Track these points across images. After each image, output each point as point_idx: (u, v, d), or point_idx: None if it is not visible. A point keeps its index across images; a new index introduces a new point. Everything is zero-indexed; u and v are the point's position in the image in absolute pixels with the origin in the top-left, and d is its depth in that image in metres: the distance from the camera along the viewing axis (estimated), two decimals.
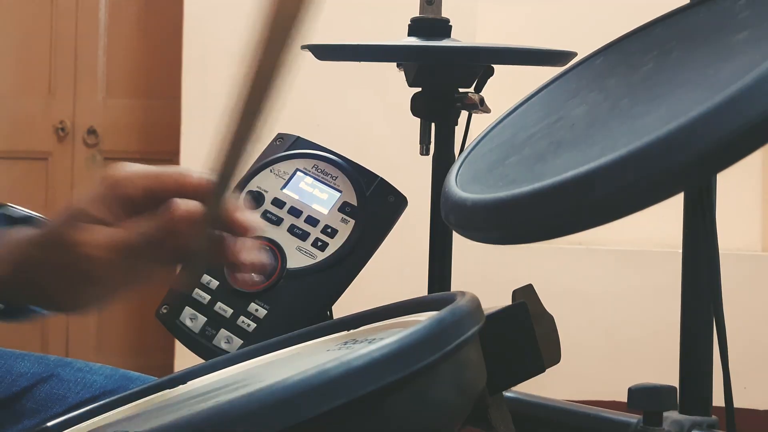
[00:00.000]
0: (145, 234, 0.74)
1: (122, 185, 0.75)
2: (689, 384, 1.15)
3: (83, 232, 0.74)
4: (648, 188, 0.61)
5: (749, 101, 0.59)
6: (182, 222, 0.73)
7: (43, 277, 0.77)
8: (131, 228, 0.74)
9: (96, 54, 3.34)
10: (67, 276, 0.75)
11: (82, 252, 0.73)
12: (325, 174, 1.21)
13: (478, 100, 1.32)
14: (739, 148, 0.60)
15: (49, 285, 0.77)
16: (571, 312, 2.71)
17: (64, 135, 3.33)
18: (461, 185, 0.77)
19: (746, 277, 2.76)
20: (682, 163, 0.60)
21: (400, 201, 1.20)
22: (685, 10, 0.90)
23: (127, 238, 0.74)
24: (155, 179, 0.75)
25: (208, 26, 3.01)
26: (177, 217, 0.73)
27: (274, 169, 1.21)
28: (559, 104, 0.88)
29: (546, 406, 1.20)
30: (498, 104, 1.22)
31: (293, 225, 1.18)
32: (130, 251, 0.74)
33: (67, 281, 0.76)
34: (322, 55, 1.31)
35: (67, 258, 0.74)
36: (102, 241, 0.74)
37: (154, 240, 0.73)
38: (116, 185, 0.75)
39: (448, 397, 0.62)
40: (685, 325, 1.16)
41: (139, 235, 0.74)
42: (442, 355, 0.59)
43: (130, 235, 0.74)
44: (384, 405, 0.57)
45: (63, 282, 0.76)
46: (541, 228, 0.67)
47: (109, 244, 0.73)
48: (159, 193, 0.75)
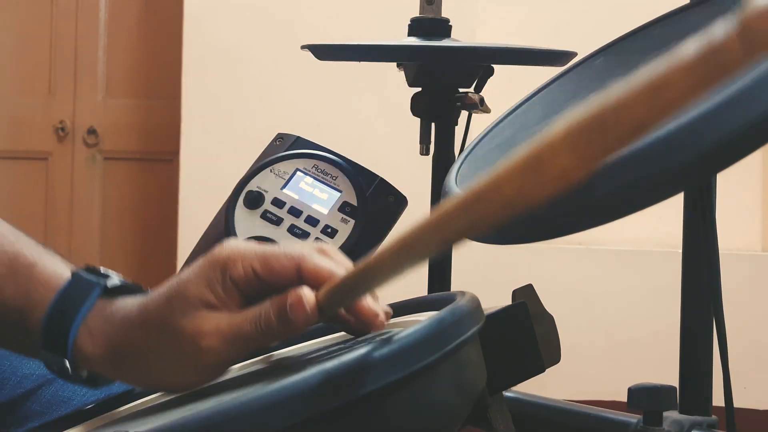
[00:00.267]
0: (258, 323, 0.68)
1: (231, 267, 0.68)
2: (689, 384, 1.15)
3: (193, 319, 0.68)
4: (648, 188, 0.61)
5: (749, 101, 0.59)
6: (301, 320, 0.67)
7: (138, 358, 0.72)
8: (246, 318, 0.68)
9: (96, 54, 3.34)
10: (167, 360, 0.70)
11: (192, 341, 0.68)
12: (325, 174, 1.21)
13: (478, 100, 1.32)
14: (739, 148, 0.60)
15: (142, 365, 0.72)
16: (571, 312, 2.71)
17: (64, 135, 3.33)
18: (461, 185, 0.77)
19: (746, 277, 2.76)
20: (682, 163, 0.60)
21: (400, 201, 1.20)
22: (685, 10, 0.90)
23: (240, 328, 0.68)
24: (266, 264, 0.69)
25: (208, 26, 3.01)
26: (293, 310, 0.67)
27: (274, 169, 1.21)
28: (559, 104, 0.88)
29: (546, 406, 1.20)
30: (498, 104, 1.22)
31: (293, 225, 1.18)
32: (245, 341, 0.68)
33: (166, 365, 0.71)
34: (322, 55, 1.31)
35: (172, 344, 0.69)
36: (213, 330, 0.68)
37: (271, 332, 0.68)
38: (225, 266, 0.69)
39: (448, 397, 0.62)
40: (685, 325, 1.17)
41: (253, 324, 0.68)
42: (441, 355, 0.59)
43: (243, 324, 0.68)
44: (384, 405, 0.57)
45: (161, 365, 0.71)
46: (541, 228, 0.67)
47: (221, 333, 0.68)
48: (269, 277, 0.69)
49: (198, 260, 0.70)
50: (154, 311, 0.71)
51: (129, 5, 3.33)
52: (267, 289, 0.69)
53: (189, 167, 3.01)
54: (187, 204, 3.00)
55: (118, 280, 0.76)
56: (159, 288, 0.72)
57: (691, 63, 0.36)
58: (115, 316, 0.73)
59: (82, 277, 0.76)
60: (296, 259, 0.68)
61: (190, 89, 3.01)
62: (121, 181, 3.33)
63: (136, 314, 0.72)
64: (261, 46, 2.97)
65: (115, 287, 0.75)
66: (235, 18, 3.00)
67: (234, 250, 0.69)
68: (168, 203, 3.14)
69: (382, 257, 0.58)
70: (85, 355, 0.74)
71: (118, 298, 0.75)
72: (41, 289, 0.76)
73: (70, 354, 0.74)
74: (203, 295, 0.69)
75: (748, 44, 0.35)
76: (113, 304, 0.74)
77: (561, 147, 0.40)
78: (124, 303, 0.74)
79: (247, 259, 0.69)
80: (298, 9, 2.98)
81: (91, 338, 0.74)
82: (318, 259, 0.68)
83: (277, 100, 2.95)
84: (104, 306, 0.74)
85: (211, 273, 0.69)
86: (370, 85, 2.86)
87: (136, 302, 0.73)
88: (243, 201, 1.19)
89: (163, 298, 0.71)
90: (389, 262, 0.57)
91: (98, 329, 0.74)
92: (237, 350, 0.69)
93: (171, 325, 0.69)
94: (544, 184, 0.40)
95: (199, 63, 3.01)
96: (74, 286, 0.76)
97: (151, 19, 3.32)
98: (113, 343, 0.73)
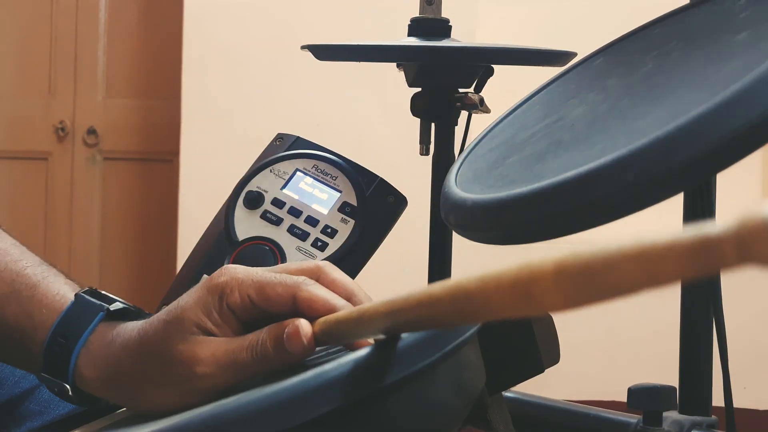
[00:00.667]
0: (255, 351, 0.68)
1: (228, 293, 0.69)
2: (689, 384, 1.15)
3: (189, 344, 0.69)
4: (648, 188, 0.61)
5: (749, 101, 0.59)
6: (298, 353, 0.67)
7: (136, 382, 0.72)
8: (242, 346, 0.68)
9: (96, 54, 3.34)
10: (163, 385, 0.70)
11: (187, 367, 0.69)
12: (325, 174, 1.20)
13: (478, 100, 1.32)
14: (739, 148, 0.60)
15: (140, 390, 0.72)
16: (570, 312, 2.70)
17: (64, 135, 3.33)
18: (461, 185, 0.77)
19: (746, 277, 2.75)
20: (682, 163, 0.60)
21: (400, 201, 1.20)
22: (685, 10, 0.90)
23: (236, 355, 0.68)
24: (262, 292, 0.69)
25: (208, 26, 3.01)
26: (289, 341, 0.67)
27: (273, 169, 1.21)
28: (559, 104, 0.88)
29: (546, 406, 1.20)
30: (498, 104, 1.22)
31: (293, 225, 1.18)
32: (241, 369, 0.68)
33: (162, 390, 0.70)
34: (322, 55, 1.31)
35: (172, 370, 0.69)
36: (209, 356, 0.68)
37: (267, 360, 0.68)
38: (222, 293, 0.69)
39: (447, 398, 0.62)
40: (685, 325, 1.16)
41: (249, 352, 0.68)
42: (440, 356, 0.59)
43: (239, 351, 0.68)
44: (383, 406, 0.57)
45: (157, 390, 0.71)
46: (541, 228, 0.67)
47: (217, 360, 0.68)
48: (265, 305, 0.69)
49: (196, 286, 0.71)
50: (152, 336, 0.71)
51: (129, 5, 3.33)
52: (264, 316, 0.69)
53: (189, 167, 3.01)
54: (187, 204, 3.00)
55: (120, 304, 0.77)
56: (159, 313, 0.72)
57: (684, 249, 0.37)
58: (116, 341, 0.74)
59: (86, 300, 0.77)
60: (292, 288, 0.68)
61: (190, 89, 3.01)
62: (121, 181, 3.33)
63: (135, 339, 0.72)
64: (261, 46, 2.97)
65: (117, 311, 0.76)
66: (235, 18, 3.00)
67: (231, 277, 0.70)
68: (168, 203, 3.14)
69: (376, 311, 0.59)
70: (84, 378, 0.74)
71: (120, 323, 0.75)
72: (44, 311, 0.77)
73: (71, 377, 0.75)
74: (200, 321, 0.69)
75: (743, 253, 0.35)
76: (115, 329, 0.75)
77: (551, 286, 0.43)
78: (125, 328, 0.74)
79: (243, 287, 0.69)
80: (298, 9, 2.98)
81: (91, 362, 0.74)
82: (313, 288, 0.69)
83: (277, 100, 2.95)
84: (106, 330, 0.75)
85: (208, 299, 0.69)
86: (370, 85, 2.86)
87: (136, 327, 0.73)
88: (243, 201, 1.19)
89: (161, 324, 0.71)
90: (381, 321, 0.58)
91: (98, 353, 0.74)
92: (232, 377, 0.69)
93: (167, 350, 0.70)
94: (529, 309, 0.45)
95: (199, 63, 3.01)
96: (77, 308, 0.76)
97: (151, 19, 3.32)
98: (112, 368, 0.73)
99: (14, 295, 0.78)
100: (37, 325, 0.76)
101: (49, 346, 0.75)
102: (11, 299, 0.78)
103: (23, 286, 0.78)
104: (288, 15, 2.97)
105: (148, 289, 3.20)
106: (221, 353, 0.69)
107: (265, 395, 0.54)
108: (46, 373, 0.76)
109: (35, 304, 0.77)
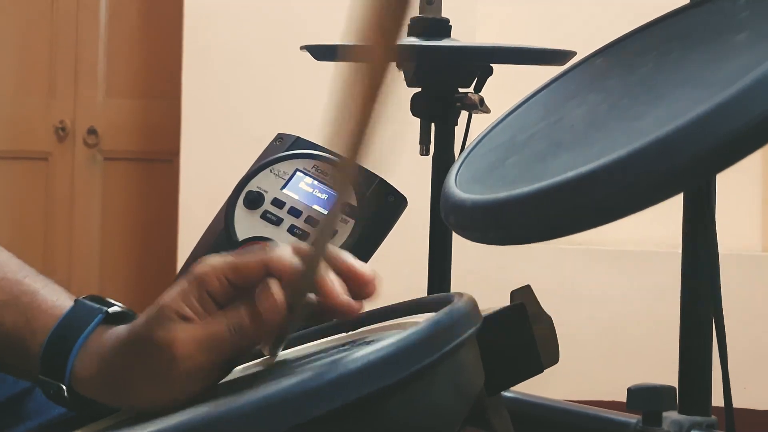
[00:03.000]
0: (234, 326, 0.70)
1: (206, 281, 0.71)
2: (688, 384, 1.15)
3: (168, 330, 0.71)
4: (648, 188, 0.61)
5: (749, 101, 0.59)
6: (271, 311, 0.69)
7: (126, 377, 0.73)
8: (220, 322, 0.71)
9: (96, 54, 3.34)
10: (152, 375, 0.72)
11: (172, 352, 0.70)
12: (325, 174, 1.21)
13: (478, 100, 1.32)
14: (739, 148, 0.60)
15: (130, 384, 0.73)
16: (570, 312, 2.70)
17: (64, 135, 3.33)
18: (461, 186, 0.77)
19: (746, 278, 2.76)
20: (682, 163, 0.60)
21: (400, 201, 1.20)
22: (685, 10, 0.90)
23: (216, 333, 0.70)
24: (236, 270, 0.71)
25: (208, 26, 3.01)
26: (260, 300, 0.70)
27: (273, 169, 1.21)
28: (559, 104, 0.88)
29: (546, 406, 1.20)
30: (498, 104, 1.22)
31: (293, 225, 1.18)
32: (221, 346, 0.70)
33: (151, 381, 0.72)
34: (320, 55, 1.32)
35: (155, 358, 0.71)
36: (188, 338, 0.70)
37: (244, 332, 0.70)
38: (201, 281, 0.71)
39: (446, 399, 0.62)
40: (684, 325, 1.16)
41: (226, 326, 0.70)
42: (439, 357, 0.59)
43: (219, 329, 0.70)
44: (381, 407, 0.57)
45: (146, 382, 0.72)
46: (541, 228, 0.67)
47: (197, 340, 0.70)
48: (242, 282, 0.71)
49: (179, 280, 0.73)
50: (138, 330, 0.73)
51: (129, 5, 3.33)
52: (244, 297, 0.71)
53: (189, 167, 3.01)
54: (187, 204, 3.00)
55: (119, 308, 0.78)
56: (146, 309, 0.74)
57: None
58: (109, 340, 0.75)
59: (85, 304, 0.78)
60: (264, 260, 0.71)
61: (190, 89, 3.01)
62: (121, 181, 3.33)
63: (123, 336, 0.74)
64: (261, 46, 2.97)
65: (116, 314, 0.77)
66: (235, 18, 3.00)
67: (207, 265, 0.72)
68: (168, 203, 3.14)
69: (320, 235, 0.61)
70: (80, 379, 0.75)
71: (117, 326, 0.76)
72: (43, 317, 0.78)
73: (68, 379, 0.76)
74: (179, 309, 0.71)
75: None
76: (111, 330, 0.76)
77: None
78: (119, 328, 0.76)
79: (218, 271, 0.71)
80: (298, 9, 2.97)
81: (88, 362, 0.75)
82: (281, 252, 0.71)
83: (277, 100, 2.95)
84: (103, 332, 0.76)
85: (187, 288, 0.72)
86: None
87: (127, 326, 0.75)
88: (243, 201, 1.19)
89: (145, 317, 0.73)
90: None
91: (95, 353, 0.75)
92: (214, 355, 0.70)
93: (149, 338, 0.71)
94: None
95: (199, 63, 3.01)
96: (77, 311, 0.78)
97: (151, 19, 3.32)
98: (105, 366, 0.75)
99: (13, 302, 0.79)
100: (36, 329, 0.77)
101: (48, 347, 0.76)
102: (10, 306, 0.79)
103: (22, 294, 0.79)
104: (288, 15, 2.96)
105: (148, 289, 3.20)
106: (200, 333, 0.70)
107: (264, 396, 0.54)
108: (44, 374, 0.76)
109: (34, 310, 0.79)
